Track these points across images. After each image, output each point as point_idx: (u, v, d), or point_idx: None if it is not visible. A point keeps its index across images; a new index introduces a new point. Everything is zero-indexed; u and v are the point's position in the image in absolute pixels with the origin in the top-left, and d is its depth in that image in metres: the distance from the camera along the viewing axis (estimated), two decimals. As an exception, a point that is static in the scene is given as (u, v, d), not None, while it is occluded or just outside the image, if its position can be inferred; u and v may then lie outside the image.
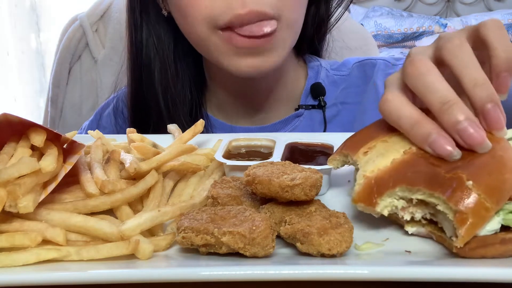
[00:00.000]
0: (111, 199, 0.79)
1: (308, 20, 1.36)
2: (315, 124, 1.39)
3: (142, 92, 1.36)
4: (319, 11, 1.37)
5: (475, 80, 0.72)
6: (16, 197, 0.70)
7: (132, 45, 1.35)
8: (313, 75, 1.44)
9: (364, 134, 0.89)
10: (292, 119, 1.40)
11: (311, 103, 1.41)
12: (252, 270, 0.65)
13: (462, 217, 0.69)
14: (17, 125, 0.86)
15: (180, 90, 1.36)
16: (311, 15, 1.37)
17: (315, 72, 1.44)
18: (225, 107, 1.44)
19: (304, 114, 1.40)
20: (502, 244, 0.70)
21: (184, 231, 0.72)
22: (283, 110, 1.42)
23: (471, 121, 0.71)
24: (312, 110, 1.40)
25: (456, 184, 0.71)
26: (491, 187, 0.71)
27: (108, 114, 1.51)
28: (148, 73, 1.34)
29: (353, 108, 1.40)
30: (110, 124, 1.49)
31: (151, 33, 1.33)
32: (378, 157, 0.81)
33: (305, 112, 1.40)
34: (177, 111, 1.34)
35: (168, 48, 1.34)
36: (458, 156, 0.73)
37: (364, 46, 1.83)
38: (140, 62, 1.34)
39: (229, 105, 1.43)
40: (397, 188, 0.76)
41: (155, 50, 1.33)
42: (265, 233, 0.70)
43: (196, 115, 1.39)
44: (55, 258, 0.70)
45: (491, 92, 0.72)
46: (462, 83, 0.73)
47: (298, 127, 1.40)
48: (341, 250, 0.71)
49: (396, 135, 0.83)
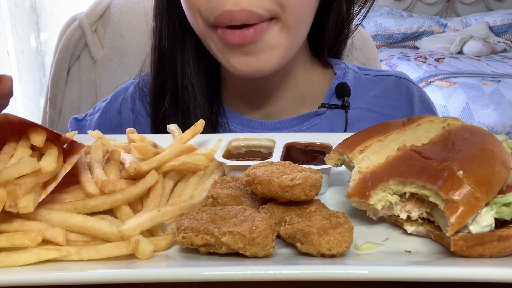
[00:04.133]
0: (111, 199, 0.79)
1: (328, 23, 1.37)
2: (336, 124, 1.40)
3: (164, 76, 1.39)
4: (340, 15, 1.38)
5: None
6: (16, 197, 0.70)
7: (156, 31, 1.38)
8: (341, 75, 1.46)
9: (361, 134, 0.92)
10: (311, 117, 1.41)
11: (335, 102, 1.42)
12: (252, 270, 0.65)
13: (453, 206, 0.71)
14: (17, 125, 0.86)
15: (199, 80, 1.38)
16: (331, 19, 1.38)
17: (343, 72, 1.47)
18: (238, 102, 1.45)
19: (327, 113, 1.41)
20: (499, 241, 0.71)
21: (184, 231, 0.72)
22: (298, 108, 1.42)
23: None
24: (335, 110, 1.41)
25: (447, 174, 0.73)
26: (481, 178, 0.73)
27: (125, 99, 1.51)
28: (170, 59, 1.37)
29: (379, 118, 1.41)
30: (126, 109, 1.49)
31: (175, 21, 1.35)
32: (374, 155, 0.83)
33: (328, 111, 1.41)
34: (196, 98, 1.36)
35: (190, 38, 1.36)
36: None
37: (363, 46, 1.83)
38: (163, 48, 1.37)
39: (241, 100, 1.44)
40: (390, 181, 0.77)
41: (178, 38, 1.36)
42: (265, 233, 0.70)
43: (214, 106, 1.40)
44: (55, 258, 0.70)
45: None
46: None
47: (317, 125, 1.40)
48: (341, 250, 0.71)
49: (392, 135, 0.86)
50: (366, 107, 1.44)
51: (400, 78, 1.52)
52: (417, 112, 1.45)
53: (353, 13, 1.42)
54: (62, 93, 1.87)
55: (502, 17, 5.71)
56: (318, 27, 1.33)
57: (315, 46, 1.45)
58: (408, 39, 5.69)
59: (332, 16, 1.36)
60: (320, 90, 1.46)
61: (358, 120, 1.41)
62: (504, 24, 5.69)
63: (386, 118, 1.35)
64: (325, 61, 1.49)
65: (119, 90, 1.54)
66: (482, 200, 0.72)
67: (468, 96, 4.00)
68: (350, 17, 1.42)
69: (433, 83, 4.34)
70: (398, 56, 5.21)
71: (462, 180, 0.72)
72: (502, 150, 0.81)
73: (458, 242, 0.71)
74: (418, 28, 5.66)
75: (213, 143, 1.10)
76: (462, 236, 0.71)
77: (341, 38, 1.48)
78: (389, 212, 0.80)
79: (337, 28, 1.41)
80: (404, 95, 1.48)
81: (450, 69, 4.68)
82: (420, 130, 0.89)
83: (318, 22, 1.31)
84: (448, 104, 4.02)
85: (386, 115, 1.43)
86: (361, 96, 1.45)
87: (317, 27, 1.32)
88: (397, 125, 0.94)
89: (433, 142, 0.83)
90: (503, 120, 3.80)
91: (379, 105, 1.45)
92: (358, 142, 0.89)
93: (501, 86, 4.08)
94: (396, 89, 1.49)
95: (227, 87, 1.45)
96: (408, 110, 1.44)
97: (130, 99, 1.50)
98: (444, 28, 5.74)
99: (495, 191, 0.74)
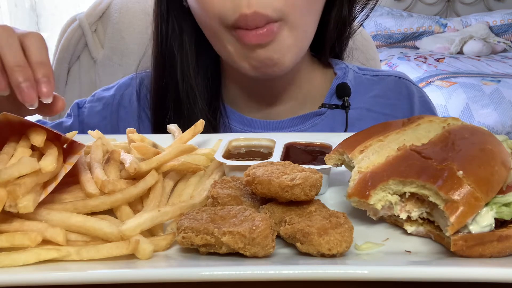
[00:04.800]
0: (111, 199, 0.79)
1: (330, 23, 1.38)
2: (337, 124, 1.40)
3: (165, 78, 1.39)
4: (342, 15, 1.38)
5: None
6: (16, 197, 0.70)
7: (157, 35, 1.39)
8: (341, 75, 1.46)
9: (361, 134, 0.92)
10: (311, 117, 1.41)
11: (335, 103, 1.43)
12: (252, 270, 0.65)
13: (453, 206, 0.71)
14: (17, 125, 0.86)
15: (199, 81, 1.39)
16: (333, 19, 1.38)
17: (343, 72, 1.47)
18: (240, 101, 1.45)
19: (327, 113, 1.42)
20: (499, 241, 0.71)
21: (184, 231, 0.72)
22: (299, 108, 1.43)
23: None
24: (335, 110, 1.41)
25: (447, 174, 0.73)
26: (481, 178, 0.73)
27: (128, 94, 1.51)
28: (170, 62, 1.38)
29: (379, 118, 1.41)
30: (129, 104, 1.49)
31: (175, 24, 1.36)
32: (374, 155, 0.83)
33: (328, 111, 1.41)
34: (196, 101, 1.37)
35: (190, 40, 1.37)
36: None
37: (363, 46, 1.83)
38: (164, 51, 1.38)
39: (245, 100, 1.44)
40: (390, 181, 0.77)
41: (178, 41, 1.37)
42: (265, 233, 0.70)
43: (214, 106, 1.41)
44: (55, 258, 0.70)
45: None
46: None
47: (318, 125, 1.41)
48: (341, 250, 0.71)
49: (392, 135, 0.87)
50: (366, 107, 1.44)
51: (400, 78, 1.52)
52: (417, 112, 1.45)
53: (355, 12, 1.42)
54: (62, 93, 1.87)
55: (502, 17, 5.71)
56: (319, 27, 1.33)
57: (315, 46, 1.46)
58: (408, 39, 5.69)
59: (334, 15, 1.37)
60: (321, 90, 1.46)
61: (359, 120, 1.42)
62: (504, 24, 5.69)
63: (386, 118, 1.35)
64: (326, 61, 1.50)
65: (120, 85, 1.54)
66: (482, 200, 0.72)
67: (468, 96, 4.00)
68: (352, 16, 1.42)
69: (433, 83, 4.34)
70: (398, 56, 5.21)
71: (462, 180, 0.72)
72: (502, 150, 0.81)
73: (458, 242, 0.71)
74: (418, 28, 5.66)
75: (213, 143, 1.10)
76: (462, 236, 0.71)
77: (343, 38, 1.48)
78: (389, 212, 0.80)
79: (339, 28, 1.41)
80: (404, 95, 1.48)
81: (450, 69, 4.68)
82: (420, 130, 0.89)
83: (320, 21, 1.31)
84: (448, 104, 4.02)
85: (386, 115, 1.43)
86: (362, 96, 1.45)
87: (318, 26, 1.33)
88: (397, 125, 0.94)
89: (433, 142, 0.83)
90: (503, 120, 3.80)
91: (379, 105, 1.45)
92: (358, 142, 0.89)
93: (501, 86, 4.08)
94: (396, 89, 1.49)
95: (228, 86, 1.45)
96: (408, 110, 1.45)
97: (135, 94, 1.50)
98: (444, 28, 5.75)
99: (495, 191, 0.74)
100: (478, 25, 5.65)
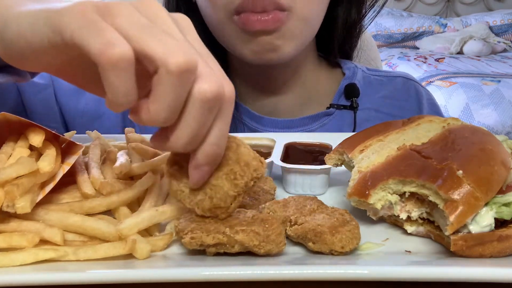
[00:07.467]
0: (107, 201, 0.78)
1: (338, 21, 1.37)
2: (345, 125, 1.39)
3: None
4: (350, 14, 1.38)
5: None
6: (14, 197, 0.69)
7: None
8: (350, 75, 1.45)
9: (361, 134, 0.93)
10: (320, 117, 1.40)
11: (343, 103, 1.42)
12: (252, 270, 0.65)
13: (452, 205, 0.71)
14: (16, 125, 0.85)
15: None
16: (340, 17, 1.37)
17: (352, 72, 1.46)
18: (247, 98, 1.44)
19: (335, 114, 1.41)
20: (499, 241, 0.71)
21: (192, 232, 0.70)
22: (305, 106, 1.42)
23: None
24: (343, 111, 1.40)
25: (447, 173, 0.73)
26: (481, 178, 0.73)
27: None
28: None
29: (387, 119, 1.39)
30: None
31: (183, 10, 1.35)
32: (374, 154, 0.84)
33: (337, 111, 1.40)
34: None
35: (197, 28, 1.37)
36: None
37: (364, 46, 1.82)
38: None
39: (250, 95, 1.43)
40: (390, 181, 0.77)
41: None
42: (279, 230, 0.70)
43: None
44: (53, 258, 0.69)
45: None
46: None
47: (326, 125, 1.40)
48: (353, 247, 0.72)
49: (392, 134, 0.87)
50: (375, 107, 1.43)
51: (408, 80, 1.51)
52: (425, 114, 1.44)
53: (364, 11, 1.41)
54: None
55: (502, 17, 5.71)
56: (327, 25, 1.33)
57: (323, 46, 1.45)
58: (408, 39, 5.69)
59: (341, 13, 1.36)
60: (327, 90, 1.45)
61: (366, 121, 1.40)
62: (504, 24, 5.69)
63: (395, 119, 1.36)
64: (334, 61, 1.49)
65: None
66: (482, 200, 0.72)
67: (468, 96, 3.99)
68: (360, 15, 1.41)
69: (433, 83, 4.33)
70: (398, 56, 5.21)
71: (462, 179, 0.72)
72: (501, 150, 0.81)
73: (458, 242, 0.70)
74: (418, 28, 5.66)
75: (212, 143, 1.09)
76: (462, 236, 0.71)
77: (352, 37, 1.48)
78: (389, 212, 0.80)
79: (347, 27, 1.40)
80: (413, 97, 1.47)
81: (450, 69, 4.68)
82: (420, 130, 0.89)
83: (327, 21, 1.30)
84: (448, 104, 4.02)
85: (394, 116, 1.41)
86: (370, 96, 1.44)
87: (326, 26, 1.32)
88: (397, 124, 0.94)
89: (433, 141, 0.83)
90: (503, 120, 3.80)
91: (387, 106, 1.44)
92: (358, 142, 0.89)
93: (501, 86, 4.07)
94: (405, 90, 1.48)
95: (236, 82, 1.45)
96: (416, 112, 1.43)
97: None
98: (444, 28, 5.74)
99: (495, 191, 0.74)
100: (478, 25, 5.65)
